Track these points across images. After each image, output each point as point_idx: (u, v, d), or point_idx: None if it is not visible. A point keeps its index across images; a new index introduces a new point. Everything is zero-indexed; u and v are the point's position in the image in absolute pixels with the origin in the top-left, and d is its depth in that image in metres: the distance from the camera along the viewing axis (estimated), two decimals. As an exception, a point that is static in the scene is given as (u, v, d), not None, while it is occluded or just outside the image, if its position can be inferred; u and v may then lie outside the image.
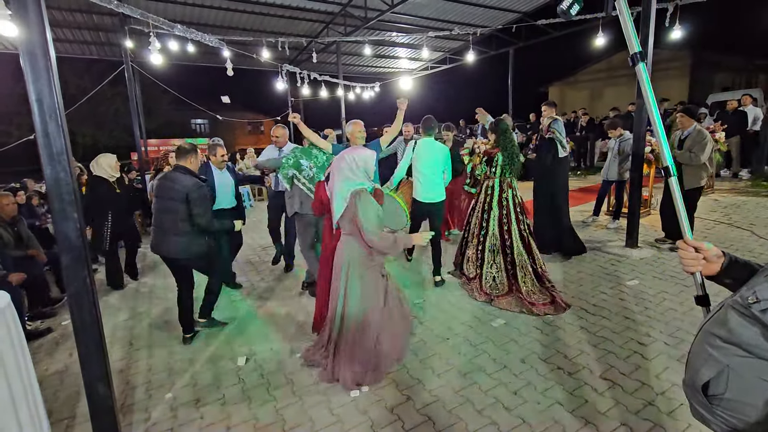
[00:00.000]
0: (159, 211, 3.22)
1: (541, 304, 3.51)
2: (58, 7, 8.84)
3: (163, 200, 3.19)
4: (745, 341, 0.93)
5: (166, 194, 3.17)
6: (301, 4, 9.98)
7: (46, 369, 3.13)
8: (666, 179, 1.30)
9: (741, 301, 0.97)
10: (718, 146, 6.94)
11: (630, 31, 1.26)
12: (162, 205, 3.20)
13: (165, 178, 3.23)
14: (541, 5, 11.06)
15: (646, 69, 1.27)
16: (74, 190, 1.83)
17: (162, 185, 3.21)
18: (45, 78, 1.72)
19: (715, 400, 0.99)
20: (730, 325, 0.96)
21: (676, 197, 1.25)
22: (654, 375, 2.58)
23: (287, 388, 2.68)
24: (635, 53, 1.25)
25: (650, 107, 1.25)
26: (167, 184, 3.18)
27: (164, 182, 3.20)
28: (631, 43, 1.26)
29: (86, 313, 1.90)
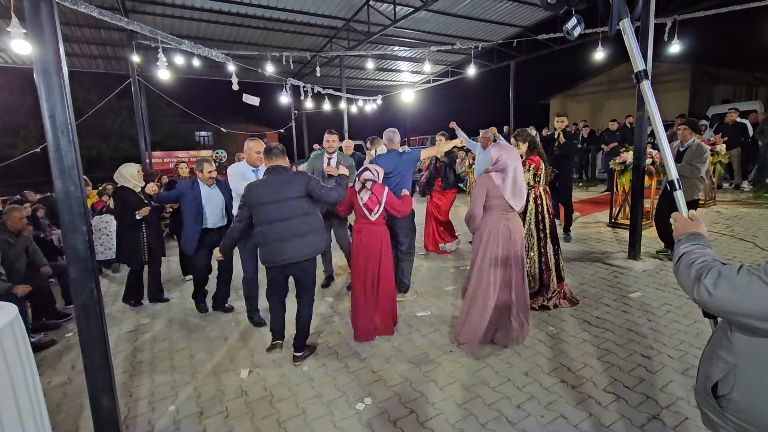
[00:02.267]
0: (279, 216, 2.89)
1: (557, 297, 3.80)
2: (66, 23, 9.05)
3: (280, 204, 2.90)
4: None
5: (284, 196, 2.90)
6: (305, 20, 10.20)
7: (49, 381, 3.13)
8: (671, 192, 1.33)
9: None
10: (720, 158, 6.97)
11: (634, 51, 1.30)
12: (281, 209, 2.90)
13: (276, 181, 2.92)
14: (541, 20, 11.25)
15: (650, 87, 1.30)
16: (84, 203, 1.86)
17: (276, 189, 2.90)
18: (58, 94, 1.77)
19: (724, 402, 1.02)
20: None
21: (682, 209, 1.28)
22: (659, 388, 2.57)
23: (290, 401, 2.67)
24: (639, 71, 1.29)
25: (655, 123, 1.29)
26: (283, 186, 2.91)
27: (278, 185, 2.90)
28: (635, 61, 1.30)
29: (93, 325, 1.92)
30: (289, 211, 2.91)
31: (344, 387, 2.78)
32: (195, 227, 3.92)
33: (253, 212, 2.97)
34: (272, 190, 2.91)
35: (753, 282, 0.96)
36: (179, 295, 4.78)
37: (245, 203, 2.98)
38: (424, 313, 3.83)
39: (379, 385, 2.77)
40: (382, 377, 2.86)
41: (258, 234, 3.00)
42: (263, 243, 2.97)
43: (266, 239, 2.93)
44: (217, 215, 4.03)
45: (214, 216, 4.00)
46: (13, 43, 4.20)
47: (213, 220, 4.00)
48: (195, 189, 3.91)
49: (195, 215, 3.91)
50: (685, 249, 1.17)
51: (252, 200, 2.93)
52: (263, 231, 2.94)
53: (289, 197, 2.91)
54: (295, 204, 2.93)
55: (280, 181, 2.93)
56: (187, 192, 3.92)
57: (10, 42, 4.09)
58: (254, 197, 2.93)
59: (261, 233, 2.96)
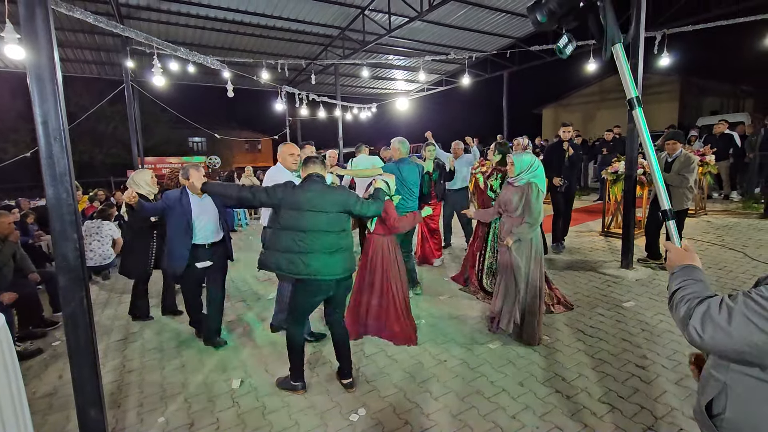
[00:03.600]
0: (319, 226, 2.65)
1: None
2: (60, 27, 9.00)
3: (322, 215, 2.66)
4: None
5: (328, 207, 2.67)
6: (301, 28, 10.25)
7: (35, 392, 3.05)
8: (664, 221, 1.32)
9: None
10: (709, 168, 7.09)
11: (627, 77, 1.30)
12: (323, 220, 2.66)
13: (321, 190, 2.70)
14: (533, 31, 11.41)
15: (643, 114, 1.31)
16: (75, 210, 1.84)
17: (321, 198, 2.67)
18: (51, 101, 1.75)
19: (718, 421, 1.01)
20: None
21: (675, 239, 1.27)
22: (652, 398, 2.57)
23: (283, 412, 2.63)
24: (632, 98, 1.30)
25: (648, 153, 1.29)
26: (328, 196, 2.70)
27: (323, 195, 2.69)
28: (628, 88, 1.30)
29: (82, 334, 1.88)
30: (327, 224, 2.67)
31: (338, 398, 2.75)
32: (184, 243, 3.38)
33: (286, 214, 2.64)
34: (318, 199, 2.65)
35: (734, 317, 0.92)
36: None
37: (281, 200, 2.64)
38: (418, 322, 3.81)
39: (373, 396, 2.74)
40: (376, 387, 2.83)
41: (283, 238, 2.65)
42: (287, 249, 2.63)
43: (293, 247, 2.62)
44: (209, 229, 3.50)
45: (206, 230, 3.48)
46: (6, 49, 4.16)
47: (205, 234, 3.47)
48: (184, 200, 3.41)
49: (184, 230, 3.38)
50: (677, 285, 1.13)
51: (294, 202, 2.63)
52: (294, 238, 2.62)
53: (332, 210, 2.70)
54: (336, 218, 2.72)
55: (325, 190, 2.72)
56: (174, 204, 3.41)
57: (4, 47, 4.05)
58: (299, 201, 2.63)
59: (290, 239, 2.63)
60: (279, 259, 2.64)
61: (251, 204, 2.75)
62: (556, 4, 1.38)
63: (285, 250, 2.64)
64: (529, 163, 3.29)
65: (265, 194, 2.67)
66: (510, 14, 10.16)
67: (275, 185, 2.72)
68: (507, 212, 3.40)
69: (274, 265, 2.68)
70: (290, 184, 2.72)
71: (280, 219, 2.68)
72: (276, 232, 2.71)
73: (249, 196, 2.69)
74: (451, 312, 4.00)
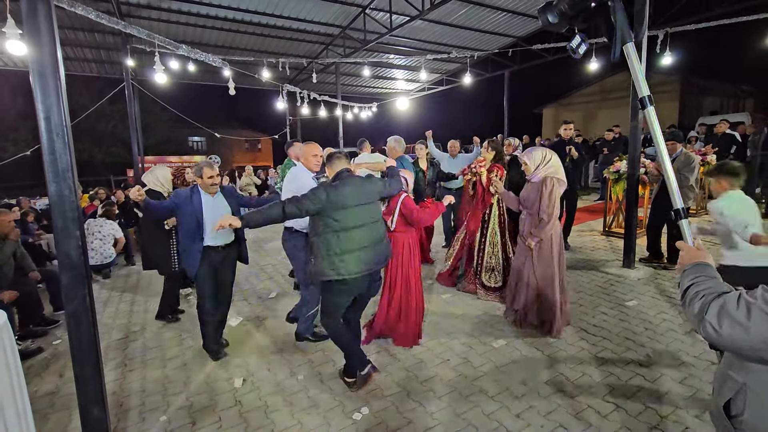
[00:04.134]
0: (363, 220, 2.62)
1: None
2: (61, 26, 8.97)
3: (365, 207, 2.63)
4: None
5: (366, 199, 2.65)
6: (302, 26, 10.23)
7: (36, 390, 3.03)
8: (677, 220, 1.30)
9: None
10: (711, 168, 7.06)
11: (638, 76, 1.29)
12: (366, 213, 2.65)
13: (358, 182, 2.65)
14: (535, 31, 11.40)
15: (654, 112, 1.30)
16: (77, 207, 1.82)
17: (359, 190, 2.61)
18: (54, 96, 1.74)
19: (737, 422, 1.00)
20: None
21: (687, 238, 1.26)
22: (657, 397, 2.56)
23: (286, 411, 2.62)
24: (644, 97, 1.28)
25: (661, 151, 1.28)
26: (366, 187, 2.67)
27: (361, 186, 2.63)
28: (640, 88, 1.29)
29: (85, 332, 1.87)
30: (371, 215, 2.67)
31: (341, 396, 2.73)
32: (194, 245, 3.18)
33: (329, 215, 2.52)
34: (358, 192, 2.60)
35: (753, 313, 0.90)
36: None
37: (325, 202, 2.50)
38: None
39: (376, 395, 2.73)
40: (379, 386, 2.82)
41: (327, 242, 2.54)
42: (337, 252, 2.53)
43: (344, 247, 2.53)
44: (223, 230, 3.24)
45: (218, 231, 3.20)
46: (8, 44, 4.14)
47: (220, 234, 3.25)
48: (195, 199, 3.18)
49: (194, 231, 3.17)
50: (690, 281, 1.11)
51: (339, 202, 2.52)
52: (341, 238, 2.53)
53: (372, 200, 2.69)
54: (375, 208, 2.73)
55: (362, 182, 2.67)
56: (185, 204, 3.17)
57: (5, 43, 4.03)
58: (342, 198, 2.52)
59: (335, 241, 2.53)
60: (337, 263, 2.52)
61: (298, 217, 2.57)
62: (567, 5, 1.37)
63: (343, 252, 2.53)
64: (541, 157, 3.31)
65: (309, 202, 2.50)
66: (511, 13, 10.14)
67: (313, 190, 2.57)
68: (527, 209, 3.44)
69: (334, 272, 2.53)
70: (326, 185, 2.59)
71: (326, 222, 2.53)
72: (326, 237, 2.54)
73: (295, 211, 2.50)
74: (453, 310, 3.98)
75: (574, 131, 5.71)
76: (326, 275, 2.55)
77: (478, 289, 4.28)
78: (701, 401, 2.50)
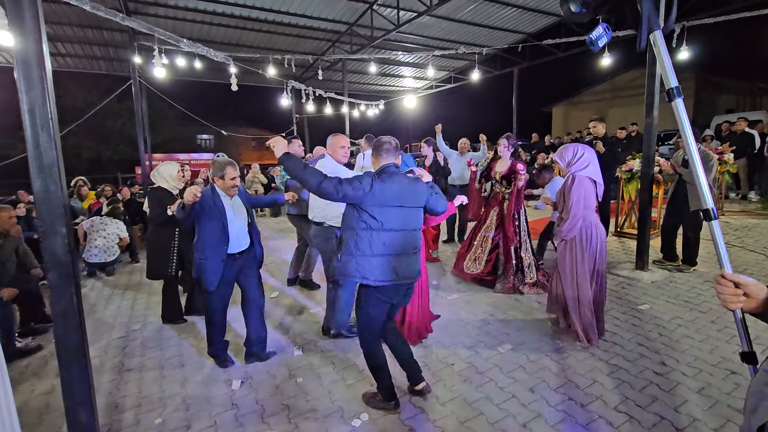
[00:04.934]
0: (405, 225, 2.34)
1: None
2: (69, 23, 9.01)
3: (408, 211, 2.36)
4: None
5: (411, 202, 2.36)
6: (308, 23, 10.16)
7: (33, 390, 2.99)
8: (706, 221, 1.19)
9: None
10: (728, 167, 6.86)
11: (666, 66, 1.18)
12: (409, 217, 2.37)
13: (406, 182, 2.37)
14: (545, 27, 11.20)
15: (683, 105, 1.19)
16: (64, 204, 1.75)
17: (405, 191, 2.33)
18: (39, 88, 1.67)
19: None
20: None
21: (717, 238, 1.15)
22: (673, 408, 2.42)
23: (283, 415, 2.53)
24: (672, 88, 1.17)
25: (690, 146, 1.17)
26: (412, 189, 2.37)
27: (408, 187, 2.36)
28: (668, 78, 1.18)
29: (72, 333, 1.79)
30: (411, 221, 2.38)
31: (340, 401, 2.64)
32: (218, 253, 2.87)
33: (366, 210, 2.27)
34: (404, 193, 2.32)
35: None
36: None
37: (367, 194, 2.24)
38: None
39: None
40: (381, 391, 2.72)
41: (358, 239, 2.28)
42: (367, 253, 2.27)
43: (376, 249, 2.28)
44: (242, 235, 3.02)
45: (239, 236, 2.99)
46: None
47: (238, 241, 2.99)
48: (218, 202, 2.89)
49: (218, 238, 2.86)
50: None
51: (383, 197, 2.26)
52: (374, 238, 2.27)
53: (417, 206, 2.39)
54: (417, 215, 2.42)
55: (412, 183, 2.40)
56: (209, 206, 2.87)
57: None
58: (386, 195, 2.26)
59: (367, 240, 2.27)
60: (365, 265, 2.27)
61: (330, 198, 2.27)
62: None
63: (372, 254, 2.26)
64: (572, 154, 3.19)
65: (350, 187, 2.21)
66: (521, 9, 9.96)
67: (360, 176, 2.28)
68: (557, 210, 3.43)
69: (359, 274, 2.28)
70: (373, 176, 2.31)
71: (362, 216, 2.27)
72: (358, 234, 2.28)
73: (331, 189, 2.21)
74: (458, 313, 3.87)
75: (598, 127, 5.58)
76: (350, 275, 2.31)
77: (522, 287, 4.26)
78: (721, 414, 2.36)
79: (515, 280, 4.29)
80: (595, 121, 5.74)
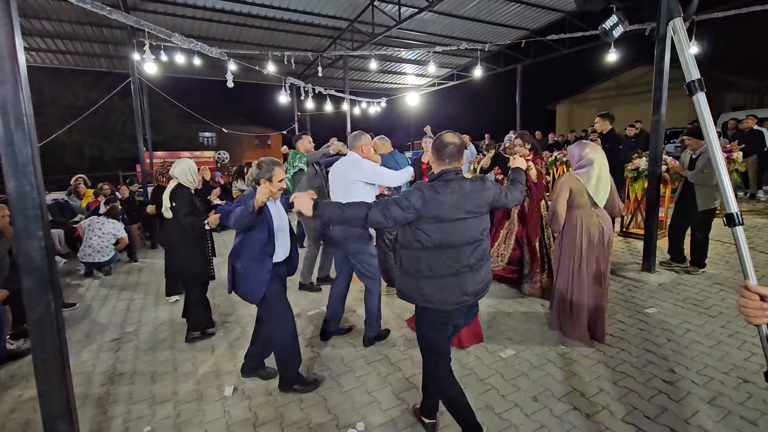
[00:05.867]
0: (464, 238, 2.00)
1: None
2: (68, 20, 8.93)
3: (478, 219, 2.05)
4: None
5: (475, 209, 2.03)
6: (309, 20, 10.03)
7: (21, 394, 2.91)
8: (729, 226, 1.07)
9: None
10: (736, 166, 6.69)
11: (686, 56, 1.07)
12: (470, 228, 2.02)
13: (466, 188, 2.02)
14: (549, 23, 11.02)
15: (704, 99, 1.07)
16: (41, 205, 1.65)
17: (466, 199, 1.99)
18: (11, 82, 1.57)
19: None
20: None
21: (741, 245, 1.03)
22: (683, 420, 2.31)
23: (275, 424, 2.44)
24: (693, 81, 1.06)
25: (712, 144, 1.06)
26: (476, 194, 2.03)
27: (470, 194, 2.01)
28: (689, 69, 1.06)
29: (49, 342, 1.70)
30: (474, 231, 2.03)
31: (335, 409, 2.54)
32: (264, 263, 2.56)
33: (419, 227, 1.98)
34: (463, 202, 1.98)
35: None
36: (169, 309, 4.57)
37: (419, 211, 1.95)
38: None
39: (374, 408, 2.54)
40: (377, 399, 2.63)
41: (415, 259, 2.01)
42: (427, 275, 1.99)
43: (437, 269, 1.98)
44: (286, 242, 2.74)
45: (284, 243, 2.72)
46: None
47: (283, 249, 2.71)
48: (264, 206, 2.54)
49: (264, 245, 2.55)
50: None
51: (438, 213, 1.95)
52: (432, 257, 1.98)
53: (479, 213, 2.06)
54: (481, 223, 2.07)
55: (471, 188, 2.03)
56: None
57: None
58: (439, 208, 1.95)
59: (425, 260, 1.99)
60: (425, 287, 2.00)
61: (382, 227, 2.06)
62: None
63: (432, 276, 1.99)
64: (579, 154, 3.21)
65: (398, 210, 1.95)
66: (524, 5, 9.79)
67: (407, 193, 2.00)
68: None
69: (421, 297, 2.02)
70: (424, 188, 2.00)
71: (415, 234, 2.00)
72: (415, 254, 2.02)
73: (380, 218, 1.96)
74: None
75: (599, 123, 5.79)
76: (411, 298, 2.07)
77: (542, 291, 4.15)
78: (733, 425, 2.25)
79: (542, 279, 4.09)
80: (599, 117, 5.76)
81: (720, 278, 4.35)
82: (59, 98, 19.18)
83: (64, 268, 6.04)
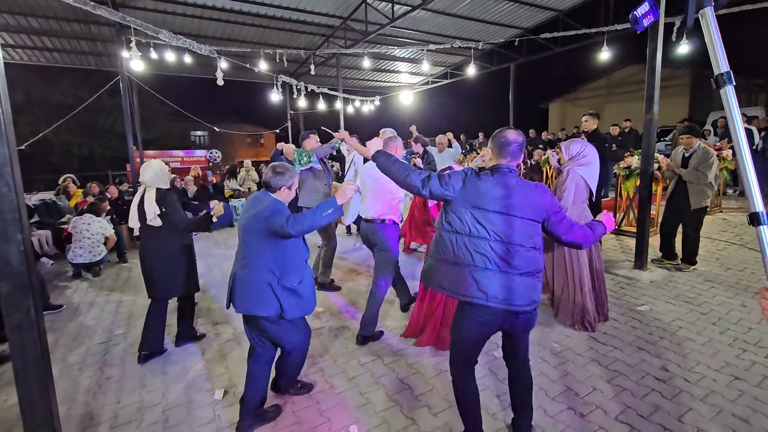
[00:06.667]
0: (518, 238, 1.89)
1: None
2: (54, 17, 8.76)
3: (523, 222, 1.91)
4: None
5: (526, 212, 1.91)
6: (301, 17, 9.94)
7: (5, 400, 2.85)
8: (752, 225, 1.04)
9: None
10: (726, 164, 6.76)
11: (716, 48, 1.03)
12: (521, 229, 1.90)
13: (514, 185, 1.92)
14: (542, 22, 11.04)
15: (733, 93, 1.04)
16: (18, 207, 1.59)
17: (510, 194, 1.90)
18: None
19: None
20: None
21: (765, 246, 1.00)
22: (676, 418, 2.31)
23: (266, 428, 2.40)
24: (722, 74, 1.02)
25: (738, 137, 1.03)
26: (525, 193, 1.92)
27: (516, 191, 1.91)
28: (717, 62, 1.02)
29: (29, 350, 1.65)
30: (522, 233, 1.90)
31: (328, 412, 2.51)
32: (308, 267, 2.42)
33: (461, 212, 1.93)
34: (512, 198, 1.90)
35: None
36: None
37: (458, 193, 1.94)
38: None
39: (367, 410, 2.51)
40: (371, 400, 2.60)
41: (449, 244, 1.95)
42: (456, 261, 1.92)
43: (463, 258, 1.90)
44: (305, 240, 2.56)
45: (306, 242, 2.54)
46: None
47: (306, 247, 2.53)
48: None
49: (303, 252, 2.42)
50: None
51: (476, 199, 1.91)
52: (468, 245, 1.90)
53: (529, 217, 1.92)
54: (532, 228, 1.94)
55: (523, 187, 1.94)
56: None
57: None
58: (480, 195, 1.90)
59: (462, 246, 1.91)
60: (441, 272, 1.97)
61: (416, 193, 2.05)
62: None
63: (453, 262, 1.93)
64: (577, 150, 3.30)
65: (437, 183, 1.96)
66: (518, 3, 9.79)
67: (454, 173, 1.99)
68: None
69: (436, 281, 2.00)
70: (469, 171, 2.00)
71: (449, 218, 1.96)
72: (442, 236, 1.99)
73: (418, 184, 2.00)
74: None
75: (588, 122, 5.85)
76: (427, 280, 2.09)
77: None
78: (726, 423, 2.25)
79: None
80: (587, 116, 5.85)
81: (711, 275, 4.38)
82: (47, 96, 18.86)
83: (52, 270, 5.94)
